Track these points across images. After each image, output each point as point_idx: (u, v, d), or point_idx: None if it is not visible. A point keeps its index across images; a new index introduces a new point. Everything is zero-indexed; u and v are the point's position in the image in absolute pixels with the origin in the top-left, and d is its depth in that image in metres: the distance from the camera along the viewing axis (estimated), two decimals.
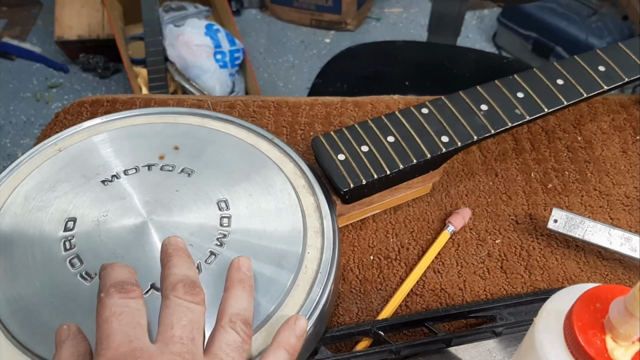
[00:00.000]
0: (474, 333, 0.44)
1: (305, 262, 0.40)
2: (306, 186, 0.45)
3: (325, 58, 1.85)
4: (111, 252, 0.38)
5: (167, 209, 0.41)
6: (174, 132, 0.47)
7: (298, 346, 0.35)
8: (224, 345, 0.32)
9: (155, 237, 0.39)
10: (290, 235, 0.41)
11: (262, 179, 0.44)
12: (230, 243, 0.40)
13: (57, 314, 0.35)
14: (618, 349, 0.27)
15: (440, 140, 0.47)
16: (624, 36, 1.71)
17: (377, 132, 0.48)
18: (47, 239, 0.39)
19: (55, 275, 0.37)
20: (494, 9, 2.09)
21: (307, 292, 0.39)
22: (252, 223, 0.41)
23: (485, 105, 0.49)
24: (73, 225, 0.39)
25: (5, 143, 1.67)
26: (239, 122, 0.49)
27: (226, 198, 0.42)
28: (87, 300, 0.36)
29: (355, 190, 0.46)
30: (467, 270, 0.49)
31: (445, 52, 1.13)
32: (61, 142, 0.47)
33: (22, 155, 0.45)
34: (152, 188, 0.42)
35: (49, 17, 1.98)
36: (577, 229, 0.48)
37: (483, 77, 0.54)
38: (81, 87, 1.85)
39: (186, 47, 1.59)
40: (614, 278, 0.49)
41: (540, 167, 0.57)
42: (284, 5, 2.04)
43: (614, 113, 0.63)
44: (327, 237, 0.42)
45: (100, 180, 0.43)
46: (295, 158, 0.47)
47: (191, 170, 0.44)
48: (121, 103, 0.63)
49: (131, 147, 0.46)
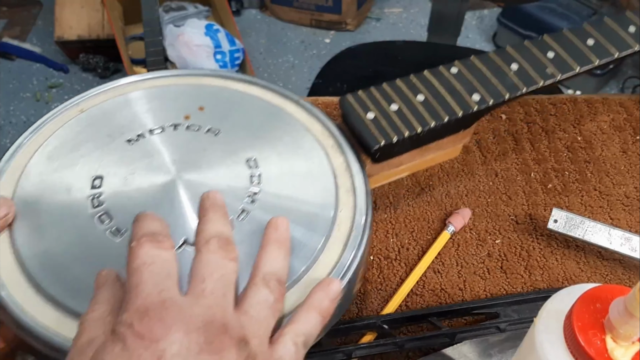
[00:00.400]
0: (478, 328, 0.44)
1: (337, 221, 0.40)
2: (335, 146, 0.44)
3: (325, 58, 1.85)
4: (140, 208, 0.37)
5: (196, 167, 0.41)
6: (198, 93, 0.47)
7: (331, 309, 0.34)
8: (255, 303, 0.31)
9: (184, 195, 0.39)
10: (322, 194, 0.40)
11: (290, 139, 0.43)
12: (261, 201, 0.39)
13: (87, 268, 0.35)
14: (618, 349, 0.27)
15: (472, 98, 0.47)
16: None
17: (406, 91, 0.47)
18: (74, 196, 0.39)
19: (84, 231, 0.37)
20: (494, 9, 2.09)
21: (340, 249, 0.38)
22: (283, 181, 0.41)
23: (515, 65, 0.49)
24: (100, 183, 0.39)
25: (5, 143, 1.67)
26: (263, 84, 0.48)
27: (255, 157, 0.42)
28: (117, 255, 0.35)
29: (386, 148, 0.45)
30: (467, 270, 0.49)
31: (445, 52, 1.13)
32: (83, 103, 0.46)
33: (44, 116, 0.44)
34: (179, 147, 0.42)
35: (49, 17, 1.98)
36: (577, 229, 0.48)
37: None
38: (81, 87, 1.85)
39: (186, 47, 1.59)
40: (614, 278, 0.49)
41: (540, 167, 0.57)
42: (284, 5, 2.04)
43: (614, 113, 0.63)
44: (359, 195, 0.41)
45: (126, 139, 0.42)
46: (322, 119, 0.46)
47: (217, 130, 0.43)
48: None
49: (155, 108, 0.45)
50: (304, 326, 0.33)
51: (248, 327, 0.30)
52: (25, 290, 0.35)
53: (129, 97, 0.46)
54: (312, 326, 0.33)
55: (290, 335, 0.32)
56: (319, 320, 0.33)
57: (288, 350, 0.31)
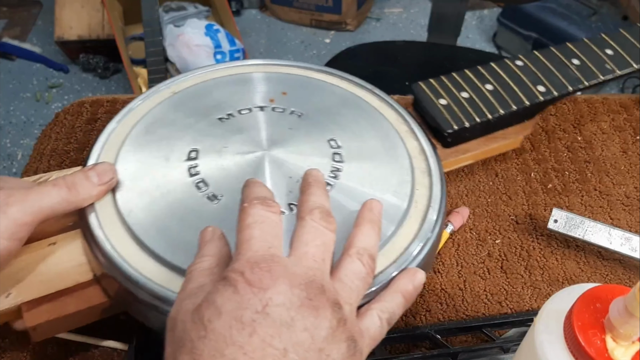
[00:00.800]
0: None
1: (415, 198, 0.42)
2: (409, 131, 0.47)
3: (325, 58, 1.85)
4: (234, 177, 0.41)
5: (283, 144, 0.44)
6: (280, 79, 0.50)
7: (414, 296, 0.37)
8: (349, 273, 0.33)
9: (268, 168, 0.42)
10: (399, 172, 0.43)
11: (367, 123, 0.46)
12: (343, 176, 0.42)
13: (186, 228, 0.38)
14: (618, 348, 0.27)
15: (537, 89, 0.50)
16: None
17: (476, 80, 0.51)
18: (172, 165, 0.42)
19: (183, 196, 0.40)
20: (494, 9, 2.09)
21: (419, 223, 0.41)
22: (363, 160, 0.43)
23: (576, 60, 0.53)
24: (196, 155, 0.42)
25: (5, 143, 1.67)
26: (340, 74, 0.52)
27: (335, 137, 0.45)
28: (213, 218, 0.38)
29: (458, 133, 0.48)
30: (467, 270, 0.49)
31: (445, 52, 1.13)
32: (175, 85, 0.50)
33: (138, 97, 0.48)
34: (266, 125, 0.45)
35: (49, 17, 1.98)
36: (577, 229, 0.48)
37: None
38: (81, 87, 1.85)
39: (186, 47, 1.59)
40: (614, 278, 0.49)
41: (540, 167, 0.57)
42: (284, 5, 2.04)
43: (614, 113, 0.63)
44: (434, 176, 0.44)
45: (217, 117, 0.46)
46: (395, 107, 0.49)
47: (300, 112, 0.47)
48: (121, 103, 0.63)
49: (242, 92, 0.48)
50: (389, 305, 0.36)
51: (341, 294, 0.32)
52: (129, 246, 0.38)
53: (217, 81, 0.50)
54: (396, 306, 0.36)
55: (377, 310, 0.35)
56: (403, 303, 0.36)
57: (374, 323, 0.34)
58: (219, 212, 0.39)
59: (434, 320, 0.46)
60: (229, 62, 0.52)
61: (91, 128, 0.61)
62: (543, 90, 0.50)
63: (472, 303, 0.47)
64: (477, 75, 0.51)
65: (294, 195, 0.40)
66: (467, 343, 0.45)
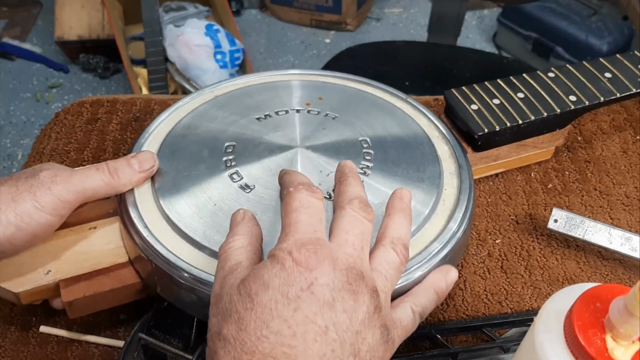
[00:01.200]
0: None
1: (443, 196, 0.44)
2: (440, 137, 0.49)
3: (325, 58, 1.85)
4: (267, 169, 0.43)
5: (316, 141, 0.46)
6: (318, 86, 0.53)
7: (445, 293, 0.39)
8: (384, 262, 0.34)
9: (303, 163, 0.44)
10: (428, 174, 0.44)
11: (399, 128, 0.48)
12: (373, 173, 0.44)
13: (221, 214, 0.40)
14: (618, 348, 0.27)
15: (569, 98, 0.51)
16: (624, 36, 1.71)
17: (507, 89, 0.52)
18: (210, 158, 0.44)
19: (218, 184, 0.42)
20: (494, 9, 2.09)
21: (445, 220, 0.43)
22: (393, 160, 0.45)
23: (609, 74, 0.53)
24: (232, 149, 0.45)
25: (6, 143, 1.67)
26: (375, 84, 0.55)
27: (367, 138, 0.47)
28: (246, 206, 0.41)
29: (488, 136, 0.49)
30: (467, 270, 0.49)
31: (445, 52, 1.13)
32: (217, 90, 0.53)
33: (183, 98, 0.52)
34: (301, 124, 0.48)
35: (49, 17, 1.98)
36: (577, 229, 0.48)
37: (483, 77, 0.55)
38: (81, 87, 1.85)
39: (186, 47, 1.59)
40: (614, 278, 0.49)
41: (540, 167, 0.57)
42: (284, 5, 2.04)
43: (614, 113, 0.63)
44: (464, 178, 0.45)
45: (255, 117, 0.48)
46: (427, 114, 0.51)
47: (335, 115, 0.49)
48: (121, 103, 0.63)
49: (280, 96, 0.51)
50: (422, 299, 0.37)
51: (377, 282, 0.33)
52: (165, 230, 0.41)
53: (256, 87, 0.53)
54: (428, 300, 0.37)
55: (410, 303, 0.36)
56: (435, 299, 0.38)
57: (407, 314, 0.35)
58: (250, 200, 0.41)
59: (434, 320, 0.46)
60: (268, 72, 0.56)
61: (91, 128, 0.61)
62: (574, 100, 0.51)
63: (472, 303, 0.47)
64: (509, 84, 0.52)
65: (323, 187, 0.42)
66: (467, 343, 0.45)
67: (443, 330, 0.44)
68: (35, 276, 0.41)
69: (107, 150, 0.59)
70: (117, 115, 0.62)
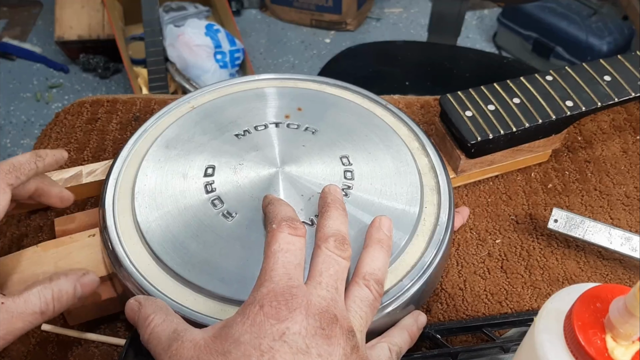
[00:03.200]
0: None
1: (423, 215, 0.44)
2: (420, 148, 0.49)
3: (325, 58, 1.85)
4: (249, 195, 0.43)
5: (296, 161, 0.45)
6: (296, 95, 0.52)
7: (416, 335, 0.41)
8: (358, 300, 0.35)
9: (285, 186, 0.44)
10: (408, 191, 0.44)
11: (379, 140, 0.48)
12: (354, 194, 0.44)
13: (201, 245, 0.40)
14: (618, 348, 0.27)
15: (565, 104, 0.51)
16: (624, 36, 1.71)
17: (503, 94, 0.51)
18: (189, 182, 0.44)
19: (199, 214, 0.42)
20: (494, 9, 2.09)
21: (426, 241, 0.42)
22: (373, 178, 0.45)
23: (608, 77, 0.52)
24: (212, 172, 0.44)
25: (6, 143, 1.67)
26: (354, 89, 0.54)
27: (348, 155, 0.46)
28: (229, 235, 0.40)
29: (482, 144, 0.49)
30: (467, 270, 0.49)
31: (445, 52, 1.13)
32: (193, 100, 0.52)
33: (160, 110, 0.51)
34: (281, 142, 0.47)
35: (49, 17, 1.98)
36: (577, 229, 0.48)
37: (483, 77, 0.55)
38: (81, 87, 1.85)
39: (186, 47, 1.59)
40: (614, 278, 0.49)
41: (540, 167, 0.57)
42: (284, 5, 2.04)
43: (614, 113, 0.63)
44: (442, 193, 0.45)
45: (234, 134, 0.47)
46: (408, 122, 0.51)
47: (315, 129, 0.48)
48: (121, 103, 0.63)
49: (259, 107, 0.50)
50: (398, 339, 0.38)
51: (353, 321, 0.33)
52: (146, 260, 0.40)
53: (234, 96, 0.51)
54: (403, 342, 0.39)
55: (387, 343, 0.37)
56: (409, 340, 0.39)
57: (385, 353, 0.37)
58: (233, 229, 0.41)
59: (434, 320, 0.46)
60: (246, 77, 0.55)
61: (91, 128, 0.61)
62: (571, 105, 0.51)
63: (472, 303, 0.47)
64: (505, 89, 0.52)
65: (305, 213, 0.42)
66: (467, 343, 0.45)
67: (443, 330, 0.44)
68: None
69: (107, 150, 0.59)
70: (117, 115, 0.62)
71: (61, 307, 0.37)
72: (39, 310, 0.36)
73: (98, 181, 0.49)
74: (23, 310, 0.35)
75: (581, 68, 0.53)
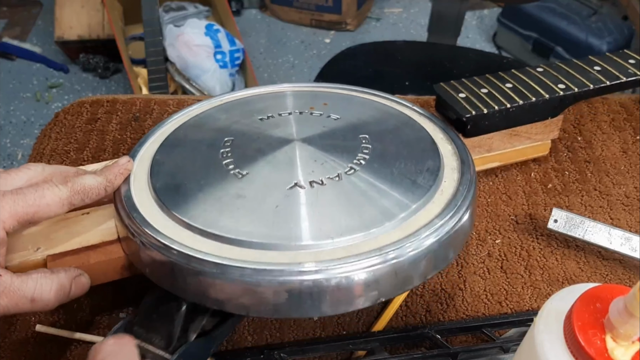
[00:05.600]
0: None
1: (441, 187, 0.43)
2: (444, 139, 0.49)
3: (325, 58, 1.85)
4: (263, 158, 0.44)
5: (314, 136, 0.47)
6: (323, 94, 0.54)
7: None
8: None
9: (299, 150, 0.45)
10: (428, 166, 0.44)
11: (401, 131, 0.48)
12: (369, 164, 0.44)
13: (212, 197, 0.41)
14: (618, 348, 0.27)
15: (557, 86, 0.52)
16: (624, 36, 1.71)
17: (496, 81, 0.53)
18: (209, 149, 0.46)
19: (213, 171, 0.43)
20: (494, 9, 2.09)
21: (441, 207, 0.41)
22: (390, 154, 0.45)
23: (598, 67, 0.54)
24: (231, 143, 0.46)
25: (6, 143, 1.67)
26: (385, 95, 0.55)
27: (367, 136, 0.47)
28: (236, 189, 0.41)
29: (477, 119, 0.50)
30: (467, 270, 0.49)
31: (445, 52, 1.13)
32: (226, 96, 0.55)
33: (187, 107, 0.53)
34: (302, 123, 0.48)
35: (49, 17, 1.98)
36: (577, 229, 0.48)
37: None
38: (81, 87, 1.85)
39: (186, 47, 1.59)
40: (614, 278, 0.49)
41: (540, 167, 0.57)
42: (284, 5, 2.04)
43: (614, 113, 0.63)
44: (465, 173, 0.44)
45: (259, 117, 0.50)
46: (435, 121, 0.51)
47: (337, 117, 0.50)
48: (121, 103, 0.63)
49: (286, 102, 0.53)
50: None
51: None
52: (154, 211, 0.41)
53: (263, 95, 0.54)
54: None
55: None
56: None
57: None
58: (241, 184, 0.42)
59: (434, 320, 0.46)
60: (279, 84, 0.57)
61: (91, 128, 0.61)
62: (563, 87, 0.51)
63: (472, 303, 0.47)
64: (498, 78, 0.53)
65: (316, 174, 0.42)
66: (467, 343, 0.45)
67: (443, 330, 0.44)
68: (25, 252, 0.41)
69: (106, 150, 0.59)
70: (117, 115, 0.62)
71: (55, 301, 0.37)
72: (30, 296, 0.35)
73: None
74: (15, 290, 0.35)
75: (572, 62, 0.54)
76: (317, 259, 0.36)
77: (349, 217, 0.39)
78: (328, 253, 0.37)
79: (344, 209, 0.39)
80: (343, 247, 0.37)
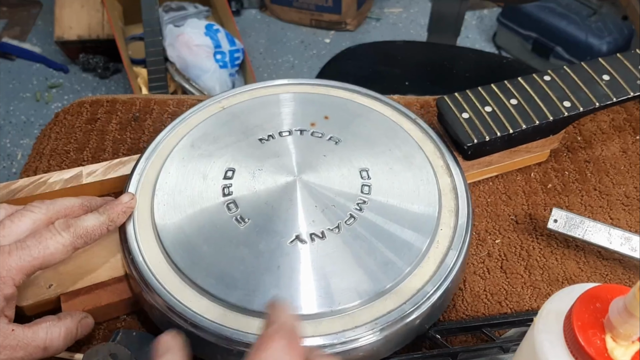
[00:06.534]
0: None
1: (437, 238, 0.43)
2: (444, 167, 0.48)
3: (325, 58, 1.85)
4: (264, 201, 0.43)
5: (315, 171, 0.46)
6: (326, 102, 0.52)
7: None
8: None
9: (300, 194, 0.44)
10: (425, 212, 0.44)
11: (402, 155, 0.48)
12: (369, 209, 0.44)
13: (213, 247, 0.41)
14: (618, 348, 0.27)
15: (562, 104, 0.50)
16: (624, 36, 1.71)
17: (500, 95, 0.51)
18: (208, 183, 0.45)
19: (214, 216, 0.43)
20: (494, 9, 2.09)
21: (437, 265, 0.42)
22: (390, 194, 0.45)
23: (607, 76, 0.52)
24: (232, 175, 0.45)
25: (5, 143, 1.67)
26: (385, 100, 0.53)
27: (368, 168, 0.46)
28: (239, 240, 0.41)
29: (478, 146, 0.49)
30: (467, 270, 0.49)
31: (445, 52, 1.13)
32: (225, 100, 0.53)
33: (188, 110, 0.52)
34: (302, 150, 0.47)
35: (49, 17, 1.98)
36: (577, 229, 0.48)
37: (483, 77, 0.55)
38: (81, 87, 1.85)
39: (186, 47, 1.59)
40: (613, 278, 0.49)
41: (540, 167, 0.57)
42: (284, 5, 2.04)
43: (614, 113, 0.63)
44: (461, 216, 0.45)
45: (258, 138, 0.48)
46: (435, 139, 0.50)
47: (338, 139, 0.48)
48: (121, 103, 0.63)
49: (286, 112, 0.51)
50: None
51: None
52: (156, 255, 0.41)
53: (264, 99, 0.52)
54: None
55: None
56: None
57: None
58: (243, 235, 0.41)
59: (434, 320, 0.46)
60: (280, 80, 0.55)
61: (91, 128, 0.61)
62: (568, 106, 0.50)
63: (472, 303, 0.47)
64: (503, 90, 0.52)
65: (316, 225, 0.42)
66: (467, 343, 0.45)
67: (443, 330, 0.44)
68: (38, 290, 0.42)
69: (106, 150, 0.59)
70: (117, 115, 0.62)
71: (64, 346, 0.39)
72: (43, 345, 0.37)
73: (98, 181, 0.50)
74: (29, 342, 0.37)
75: (580, 67, 0.53)
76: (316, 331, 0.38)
77: (345, 281, 0.40)
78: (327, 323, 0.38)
79: (341, 270, 0.40)
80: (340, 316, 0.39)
